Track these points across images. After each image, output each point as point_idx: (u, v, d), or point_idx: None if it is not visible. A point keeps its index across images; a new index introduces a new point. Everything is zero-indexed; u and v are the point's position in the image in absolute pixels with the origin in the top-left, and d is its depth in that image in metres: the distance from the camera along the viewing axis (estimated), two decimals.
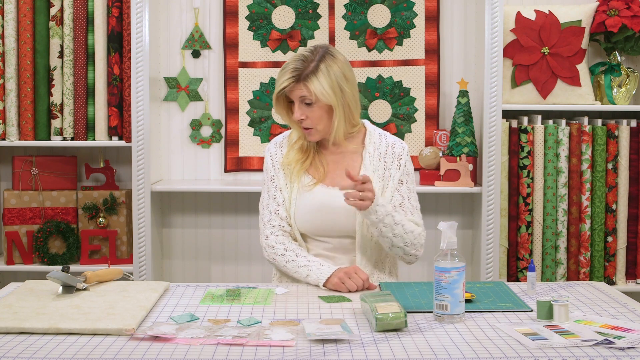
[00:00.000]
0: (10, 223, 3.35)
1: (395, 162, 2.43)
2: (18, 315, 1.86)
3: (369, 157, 2.42)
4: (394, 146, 2.45)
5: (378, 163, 2.42)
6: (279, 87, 2.33)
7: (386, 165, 2.42)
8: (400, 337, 1.76)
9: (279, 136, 2.52)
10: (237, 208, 3.55)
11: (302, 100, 2.32)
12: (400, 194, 2.42)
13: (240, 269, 3.56)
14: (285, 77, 2.31)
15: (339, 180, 2.40)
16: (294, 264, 2.32)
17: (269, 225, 2.41)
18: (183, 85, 3.47)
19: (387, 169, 2.42)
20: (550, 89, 3.28)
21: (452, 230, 1.90)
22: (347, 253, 2.41)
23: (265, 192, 2.46)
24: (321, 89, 2.29)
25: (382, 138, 2.46)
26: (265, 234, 2.42)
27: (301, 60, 2.32)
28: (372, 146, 2.43)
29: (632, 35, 3.29)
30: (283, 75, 2.32)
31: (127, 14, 3.27)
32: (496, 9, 3.18)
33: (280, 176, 2.43)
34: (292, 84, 2.31)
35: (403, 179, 2.43)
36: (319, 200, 2.38)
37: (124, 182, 3.52)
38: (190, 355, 1.65)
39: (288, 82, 2.31)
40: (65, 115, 3.31)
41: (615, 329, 1.80)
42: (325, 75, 2.30)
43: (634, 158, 3.30)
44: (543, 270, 3.31)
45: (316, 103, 2.32)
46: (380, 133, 2.47)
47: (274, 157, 2.46)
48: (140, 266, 3.26)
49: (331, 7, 3.44)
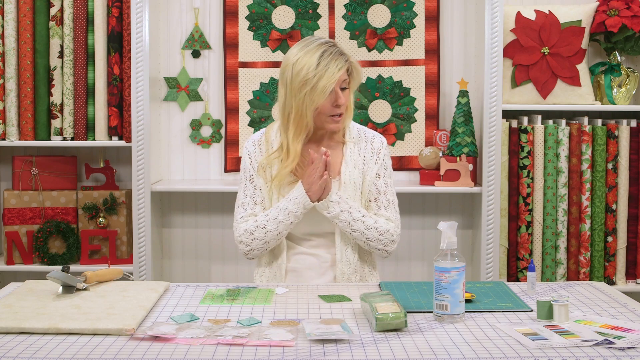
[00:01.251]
0: (10, 223, 3.35)
1: (375, 156, 2.45)
2: (18, 315, 1.86)
3: (349, 152, 2.43)
4: (373, 141, 2.46)
5: (358, 158, 2.43)
6: (339, 72, 2.31)
7: (365, 160, 2.44)
8: (400, 337, 1.76)
9: (256, 134, 2.49)
10: None
11: (342, 84, 2.34)
12: (377, 188, 2.43)
13: (240, 269, 3.56)
14: (343, 61, 2.32)
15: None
16: (272, 221, 2.33)
17: (242, 221, 2.40)
18: (183, 85, 3.47)
19: (366, 163, 2.43)
20: (550, 89, 3.28)
21: (452, 230, 1.90)
22: (328, 248, 2.43)
23: (241, 192, 2.43)
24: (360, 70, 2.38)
25: (361, 133, 2.47)
26: (237, 228, 2.40)
27: (333, 45, 2.34)
28: (352, 141, 2.45)
29: (632, 35, 3.29)
30: (333, 62, 2.30)
31: (127, 14, 3.27)
32: (496, 9, 3.18)
33: (260, 175, 2.41)
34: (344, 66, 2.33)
35: (380, 173, 2.44)
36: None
37: (124, 182, 3.52)
38: (190, 355, 1.65)
39: (346, 65, 2.33)
40: (65, 115, 3.31)
41: (615, 329, 1.80)
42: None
43: (634, 158, 3.30)
44: (543, 270, 3.31)
45: (348, 87, 2.36)
46: (358, 128, 2.49)
47: (252, 156, 2.43)
48: (140, 266, 3.26)
49: (331, 7, 3.44)
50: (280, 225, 2.32)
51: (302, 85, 2.30)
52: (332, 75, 2.29)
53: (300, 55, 2.32)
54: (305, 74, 2.29)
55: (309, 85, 2.29)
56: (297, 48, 2.36)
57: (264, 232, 2.34)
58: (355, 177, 2.41)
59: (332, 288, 2.24)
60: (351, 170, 2.41)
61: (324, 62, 2.29)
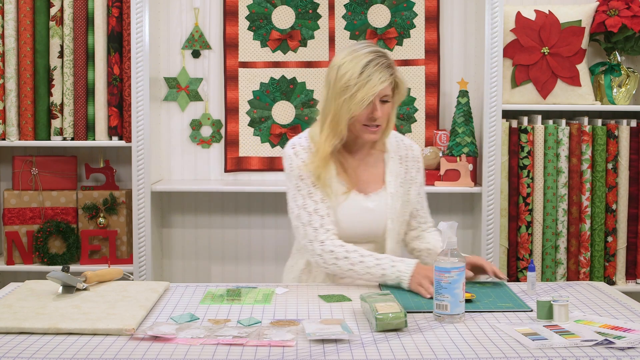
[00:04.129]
0: (10, 223, 3.35)
1: (416, 164, 2.44)
2: (18, 315, 1.86)
3: (392, 161, 2.40)
4: (413, 149, 2.45)
5: (400, 167, 2.41)
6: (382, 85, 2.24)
7: (407, 169, 2.42)
8: (400, 337, 1.76)
9: (302, 140, 2.38)
10: (237, 208, 3.55)
11: (382, 97, 2.27)
12: (421, 197, 2.45)
13: (240, 269, 3.56)
14: (387, 74, 2.24)
15: (365, 187, 2.37)
16: (362, 265, 2.22)
17: (323, 230, 2.28)
18: (183, 85, 3.47)
19: (408, 172, 2.41)
20: (550, 89, 3.28)
21: (452, 230, 1.91)
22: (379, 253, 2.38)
23: (306, 198, 2.30)
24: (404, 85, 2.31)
25: (399, 141, 2.45)
26: (320, 239, 2.27)
27: (383, 56, 2.27)
28: (393, 150, 2.42)
29: (632, 35, 3.29)
30: (377, 73, 2.23)
31: (127, 14, 3.27)
32: (496, 9, 3.18)
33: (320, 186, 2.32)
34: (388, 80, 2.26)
35: (422, 181, 2.45)
36: (355, 208, 2.33)
37: (124, 182, 3.52)
38: (190, 355, 1.65)
39: (390, 78, 2.25)
40: (65, 115, 3.31)
41: (615, 329, 1.80)
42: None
43: (634, 158, 3.30)
44: (543, 270, 3.31)
45: (390, 101, 2.30)
46: (395, 135, 2.46)
47: (308, 163, 2.32)
48: (140, 266, 3.26)
49: (331, 7, 3.44)
50: (367, 275, 2.23)
51: (343, 90, 2.25)
52: (372, 87, 2.23)
53: (347, 60, 2.27)
54: (347, 80, 2.25)
55: (349, 92, 2.24)
56: (346, 51, 2.31)
57: (348, 267, 2.25)
58: (397, 187, 2.39)
59: (332, 288, 2.24)
60: (394, 180, 2.38)
61: (367, 72, 2.23)
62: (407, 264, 2.20)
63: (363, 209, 2.34)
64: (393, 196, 2.37)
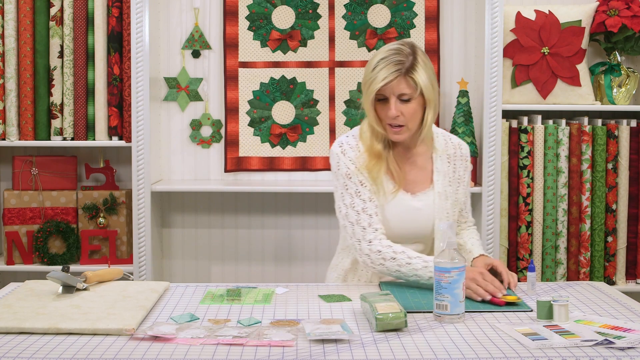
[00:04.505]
0: (10, 223, 3.35)
1: (464, 163, 2.42)
2: (18, 315, 1.86)
3: (440, 160, 2.38)
4: (461, 147, 2.42)
5: (448, 166, 2.38)
6: (383, 82, 2.20)
7: (455, 168, 2.39)
8: (400, 337, 1.76)
9: (349, 139, 2.35)
10: (237, 208, 3.55)
11: (400, 96, 2.23)
12: (466, 196, 2.45)
13: (240, 269, 3.56)
14: (390, 71, 2.19)
15: (412, 186, 2.34)
16: (409, 267, 2.18)
17: (371, 229, 2.24)
18: (183, 85, 3.47)
19: (456, 170, 2.39)
20: (550, 89, 3.28)
21: (452, 230, 1.91)
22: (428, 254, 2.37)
23: (354, 197, 2.27)
24: (426, 81, 2.22)
25: (447, 139, 2.42)
26: (368, 238, 2.24)
27: (399, 54, 2.22)
28: (441, 149, 2.39)
29: (632, 35, 3.29)
30: (384, 70, 2.20)
31: (127, 14, 3.27)
32: (496, 9, 3.18)
33: (369, 181, 2.29)
34: (397, 78, 2.20)
35: (468, 180, 2.44)
36: (403, 208, 2.31)
37: (124, 182, 3.52)
38: (190, 355, 1.65)
39: (394, 75, 2.19)
40: (65, 115, 3.31)
41: (615, 329, 1.80)
42: (425, 68, 2.23)
43: (634, 158, 3.30)
44: (543, 270, 3.31)
45: (413, 98, 2.23)
46: (443, 134, 2.43)
47: (356, 162, 2.29)
48: (140, 266, 3.26)
49: (331, 7, 3.44)
50: (414, 277, 2.19)
51: (363, 85, 2.27)
52: (375, 85, 2.20)
53: (374, 56, 2.27)
54: (365, 76, 2.26)
55: (365, 88, 2.25)
56: (382, 47, 2.29)
57: (395, 268, 2.21)
58: (446, 186, 2.36)
59: (332, 288, 2.24)
60: (442, 179, 2.36)
61: (377, 68, 2.21)
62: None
63: (410, 209, 2.31)
64: (441, 195, 2.34)
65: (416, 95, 2.22)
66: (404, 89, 2.21)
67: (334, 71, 3.45)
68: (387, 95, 2.23)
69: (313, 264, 3.55)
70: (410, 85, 2.21)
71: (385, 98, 2.24)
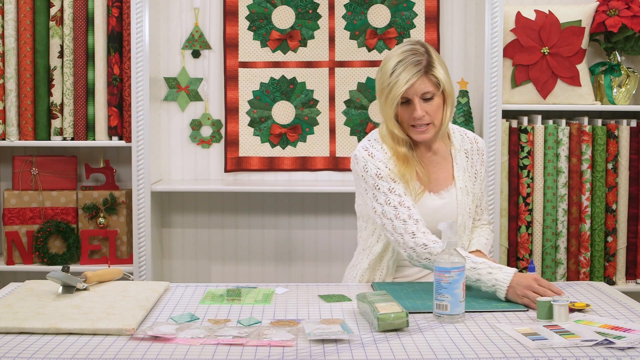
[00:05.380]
0: (10, 223, 3.35)
1: (480, 157, 2.41)
2: (18, 315, 1.86)
3: (459, 155, 2.38)
4: (477, 142, 2.42)
5: (466, 161, 2.38)
6: (407, 84, 2.18)
7: (473, 162, 2.39)
8: (400, 337, 1.76)
9: (372, 142, 2.32)
10: (237, 208, 3.55)
11: (423, 95, 2.22)
12: (482, 192, 2.43)
13: (240, 269, 3.56)
14: (412, 72, 2.18)
15: (436, 186, 2.33)
16: None
17: (412, 221, 2.20)
18: (183, 85, 3.47)
19: (474, 165, 2.39)
20: (550, 89, 3.28)
21: (452, 230, 1.90)
22: None
23: (389, 194, 2.23)
24: (445, 77, 2.22)
25: (463, 134, 2.42)
26: (411, 230, 2.19)
27: (415, 54, 2.21)
28: (458, 144, 2.39)
29: (632, 35, 3.29)
30: (405, 72, 2.18)
31: (127, 14, 3.27)
32: (496, 9, 3.18)
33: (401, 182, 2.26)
34: (420, 78, 2.19)
35: (484, 175, 2.43)
36: (428, 208, 2.30)
37: (124, 182, 3.52)
38: (190, 355, 1.65)
39: (417, 76, 2.18)
40: (65, 115, 3.31)
41: (615, 329, 1.80)
42: (440, 64, 2.23)
43: (634, 158, 3.30)
44: (543, 270, 3.31)
45: (435, 95, 2.22)
46: (458, 130, 2.43)
47: (387, 163, 2.26)
48: (140, 266, 3.26)
49: (331, 7, 3.44)
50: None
51: (380, 92, 2.25)
52: (399, 88, 2.18)
53: (386, 60, 2.25)
54: (382, 82, 2.23)
55: (385, 94, 2.23)
56: (393, 50, 2.28)
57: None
58: (466, 181, 2.36)
59: (332, 288, 2.24)
60: (463, 174, 2.36)
61: (396, 72, 2.19)
62: (505, 272, 2.07)
63: (435, 209, 2.31)
64: (462, 191, 2.34)
65: (438, 92, 2.23)
66: (427, 87, 2.21)
67: (334, 71, 3.46)
68: (409, 97, 2.22)
69: (313, 264, 3.56)
70: (433, 83, 2.21)
71: (407, 100, 2.23)
